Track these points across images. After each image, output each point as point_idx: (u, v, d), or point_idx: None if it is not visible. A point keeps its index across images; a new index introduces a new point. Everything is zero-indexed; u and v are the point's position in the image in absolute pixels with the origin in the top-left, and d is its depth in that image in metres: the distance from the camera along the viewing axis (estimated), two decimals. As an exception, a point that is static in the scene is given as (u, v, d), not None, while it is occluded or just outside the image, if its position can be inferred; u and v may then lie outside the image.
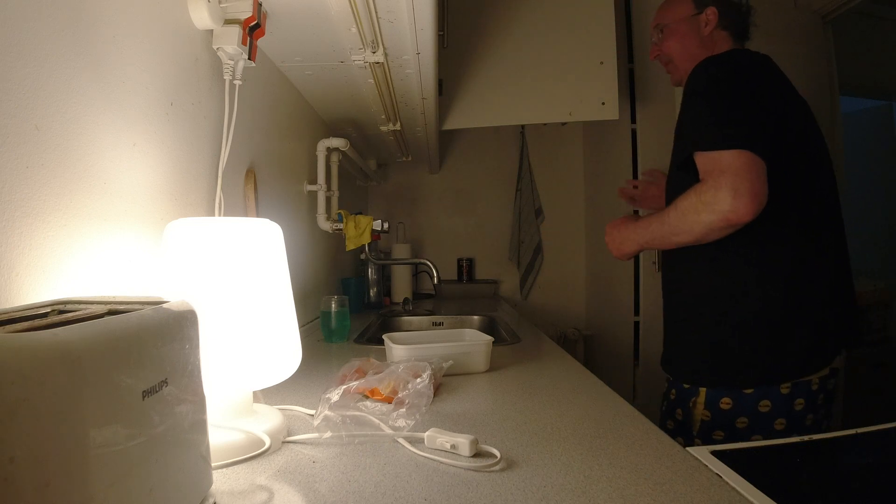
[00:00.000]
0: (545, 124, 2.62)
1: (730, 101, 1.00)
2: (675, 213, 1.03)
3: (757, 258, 1.04)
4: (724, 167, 0.95)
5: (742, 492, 0.52)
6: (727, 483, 0.54)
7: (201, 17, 0.85)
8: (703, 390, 1.07)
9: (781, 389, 1.01)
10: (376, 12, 1.04)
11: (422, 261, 1.95)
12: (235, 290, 0.63)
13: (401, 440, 0.66)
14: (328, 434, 0.67)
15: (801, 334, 1.03)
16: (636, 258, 2.16)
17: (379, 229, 1.72)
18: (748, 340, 1.04)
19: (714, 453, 0.62)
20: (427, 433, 0.65)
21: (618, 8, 2.23)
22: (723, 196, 0.93)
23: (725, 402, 1.04)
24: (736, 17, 1.19)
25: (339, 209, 1.72)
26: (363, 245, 1.72)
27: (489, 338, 1.08)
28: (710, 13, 1.18)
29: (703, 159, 0.98)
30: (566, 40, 1.99)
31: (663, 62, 1.28)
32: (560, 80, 1.96)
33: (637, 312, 2.20)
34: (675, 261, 1.19)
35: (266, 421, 0.67)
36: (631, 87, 2.22)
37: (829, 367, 1.05)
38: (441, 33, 1.36)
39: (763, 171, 0.94)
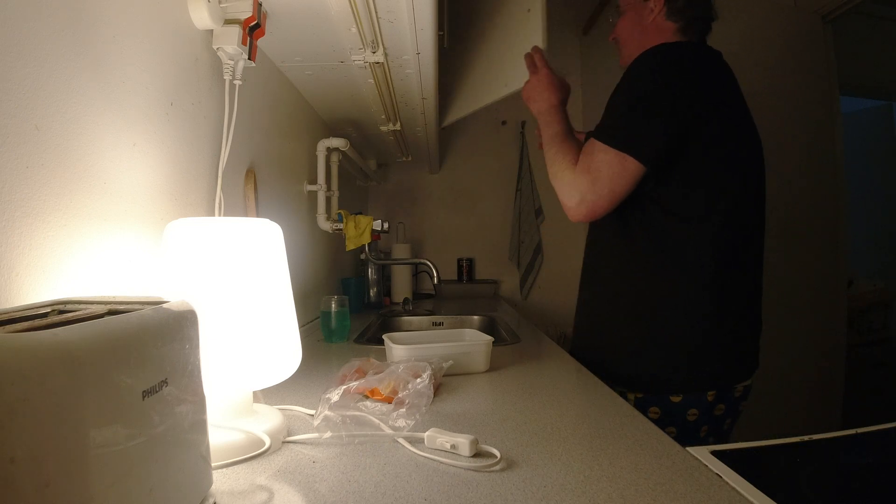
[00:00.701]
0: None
1: (645, 105, 1.00)
2: (561, 163, 1.08)
3: (683, 264, 1.03)
4: (596, 165, 1.00)
5: (742, 492, 0.52)
6: (727, 483, 0.54)
7: (201, 17, 0.85)
8: (630, 396, 1.06)
9: (708, 397, 1.02)
10: (376, 12, 1.04)
11: (422, 261, 1.95)
12: (235, 290, 0.63)
13: (401, 440, 0.66)
14: (328, 434, 0.67)
15: (728, 342, 1.03)
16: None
17: (379, 229, 1.72)
18: (678, 345, 1.03)
19: (714, 453, 0.62)
20: (427, 433, 0.65)
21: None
22: (574, 192, 1.03)
23: (654, 412, 1.03)
24: (686, 9, 1.12)
25: (339, 209, 1.72)
26: (363, 245, 1.72)
27: (489, 338, 1.08)
28: (657, 2, 1.13)
29: (590, 145, 1.03)
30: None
31: (616, 43, 1.25)
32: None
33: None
34: (602, 259, 1.19)
35: (266, 421, 0.67)
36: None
37: (751, 379, 1.07)
38: (441, 33, 1.36)
39: (632, 179, 0.99)
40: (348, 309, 1.38)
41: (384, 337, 1.12)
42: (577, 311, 1.26)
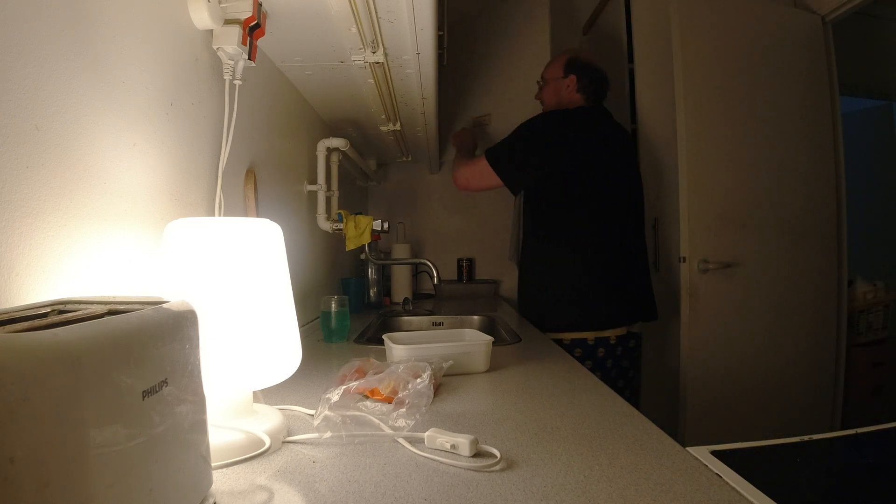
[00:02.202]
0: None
1: (521, 143, 1.66)
2: (463, 160, 1.84)
3: (574, 246, 1.65)
4: (479, 166, 1.70)
5: (742, 492, 0.52)
6: (727, 483, 0.54)
7: (201, 17, 0.85)
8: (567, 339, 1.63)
9: (588, 340, 1.58)
10: (376, 12, 1.04)
11: (422, 261, 1.95)
12: (235, 290, 0.63)
13: (401, 440, 0.66)
14: (328, 434, 0.67)
15: (601, 301, 1.61)
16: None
17: (379, 229, 1.72)
18: (570, 301, 1.63)
19: (714, 453, 0.62)
20: (427, 433, 0.65)
21: (618, 10, 2.23)
22: (463, 176, 1.77)
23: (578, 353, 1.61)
24: (589, 85, 1.73)
25: (339, 209, 1.72)
26: (363, 245, 1.72)
27: (489, 338, 1.08)
28: (571, 81, 1.74)
29: (482, 156, 1.71)
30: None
31: (541, 103, 1.86)
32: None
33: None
34: (536, 250, 1.77)
35: (266, 421, 0.67)
36: (631, 88, 2.22)
37: (627, 330, 1.64)
38: (440, 33, 1.37)
39: (486, 178, 1.69)
40: (348, 309, 1.38)
41: (384, 337, 1.12)
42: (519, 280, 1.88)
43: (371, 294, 2.24)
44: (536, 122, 1.67)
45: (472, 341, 1.10)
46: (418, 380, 0.80)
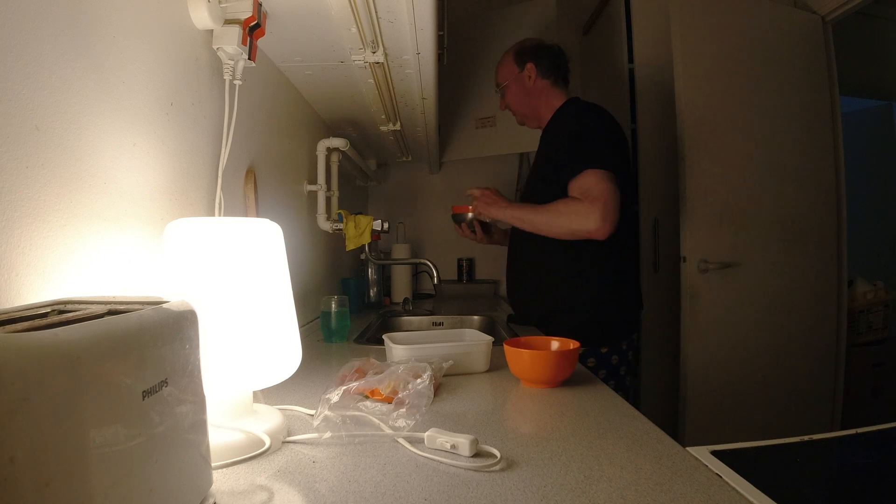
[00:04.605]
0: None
1: (601, 141, 1.40)
2: (551, 211, 1.40)
3: (590, 256, 1.44)
4: (598, 194, 1.33)
5: (742, 492, 0.52)
6: (727, 483, 0.54)
7: (201, 17, 0.85)
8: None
9: (601, 350, 1.45)
10: (376, 12, 1.04)
11: (422, 261, 1.95)
12: (235, 290, 0.63)
13: (401, 440, 0.66)
14: (328, 434, 0.67)
15: (615, 316, 1.48)
16: (634, 259, 2.16)
17: (379, 229, 1.72)
18: (585, 314, 1.46)
19: (714, 453, 0.62)
20: (427, 433, 0.65)
21: (618, 9, 2.23)
22: (597, 215, 1.32)
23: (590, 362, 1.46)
24: (551, 65, 1.54)
25: (339, 209, 1.72)
26: (363, 245, 1.72)
27: (489, 338, 1.08)
28: (530, 69, 1.55)
29: (591, 175, 1.35)
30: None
31: (511, 110, 1.66)
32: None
33: (637, 312, 2.20)
34: (537, 248, 1.52)
35: (266, 421, 0.67)
36: (631, 88, 2.22)
37: (635, 335, 1.55)
38: (441, 33, 1.37)
39: (615, 192, 1.34)
40: (348, 309, 1.38)
41: (384, 337, 1.12)
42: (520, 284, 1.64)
43: (371, 294, 2.24)
44: (592, 118, 1.46)
45: (472, 341, 1.10)
46: (418, 380, 0.80)
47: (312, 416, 0.73)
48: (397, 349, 1.02)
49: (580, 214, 1.33)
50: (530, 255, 1.56)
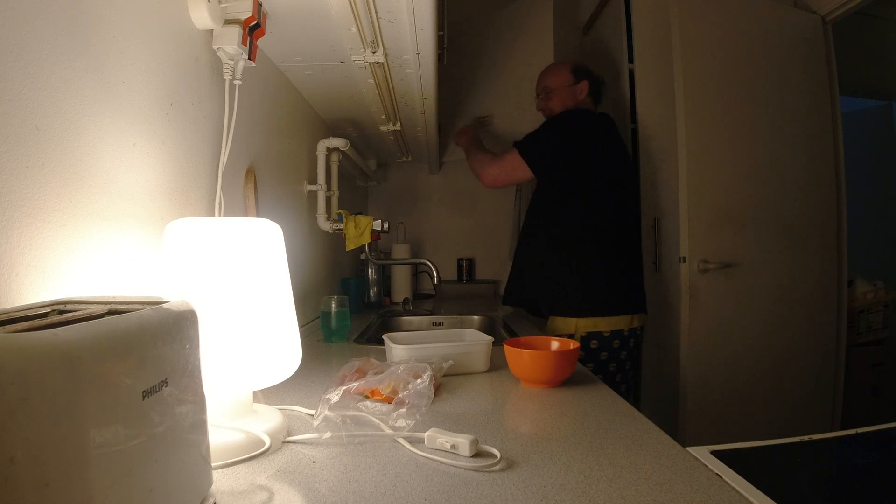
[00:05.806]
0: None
1: (553, 136, 1.68)
2: (478, 157, 1.87)
3: (585, 237, 1.65)
4: (509, 160, 1.71)
5: (742, 492, 0.52)
6: (727, 483, 0.54)
7: (201, 17, 0.85)
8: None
9: (604, 333, 1.59)
10: (376, 12, 1.04)
11: (422, 261, 1.95)
12: (235, 290, 0.63)
13: (401, 440, 0.66)
14: (328, 434, 0.67)
15: (606, 287, 1.63)
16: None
17: (379, 229, 1.72)
18: (575, 286, 1.63)
19: (714, 453, 0.62)
20: (427, 433, 0.65)
21: (618, 9, 2.23)
22: (492, 172, 1.77)
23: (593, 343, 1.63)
24: (597, 90, 1.83)
25: (339, 209, 1.72)
26: (363, 245, 1.72)
27: (489, 338, 1.08)
28: (584, 85, 1.79)
29: (512, 151, 1.72)
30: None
31: (545, 114, 1.86)
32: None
33: (637, 312, 2.19)
34: (542, 240, 1.76)
35: (266, 421, 0.67)
36: (631, 88, 2.22)
37: (639, 324, 1.68)
38: (441, 33, 1.37)
39: (518, 172, 1.71)
40: (348, 309, 1.38)
41: (384, 337, 1.12)
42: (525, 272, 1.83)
43: (371, 294, 2.24)
44: (565, 118, 1.72)
45: (472, 341, 1.10)
46: (418, 380, 0.80)
47: (312, 416, 0.73)
48: (397, 349, 1.02)
49: (483, 163, 1.81)
50: (536, 252, 1.81)
